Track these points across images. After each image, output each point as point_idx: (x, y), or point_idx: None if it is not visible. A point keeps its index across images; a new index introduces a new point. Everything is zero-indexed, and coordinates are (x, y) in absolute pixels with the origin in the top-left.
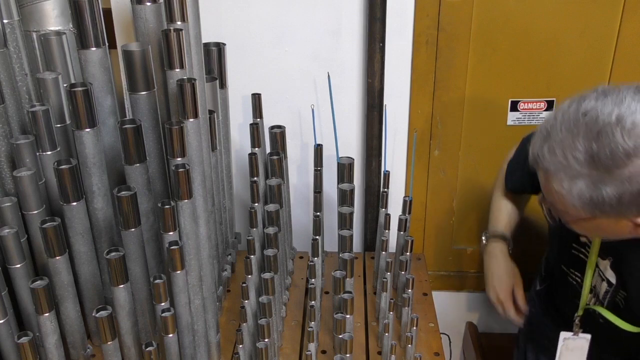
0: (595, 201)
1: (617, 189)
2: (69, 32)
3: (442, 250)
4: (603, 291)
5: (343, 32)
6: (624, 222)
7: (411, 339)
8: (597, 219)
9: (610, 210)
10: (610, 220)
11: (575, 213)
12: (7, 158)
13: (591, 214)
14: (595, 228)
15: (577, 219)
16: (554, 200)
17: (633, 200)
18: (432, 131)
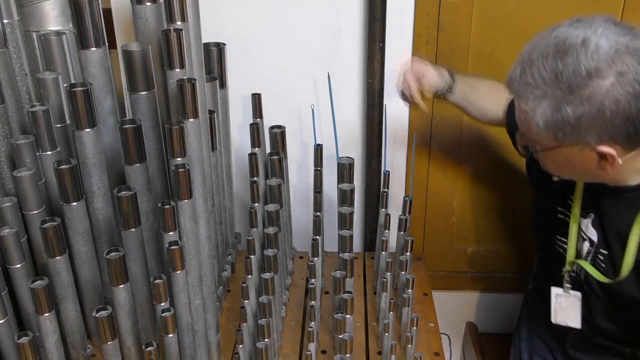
0: (556, 121)
1: (577, 109)
2: (69, 32)
3: (442, 250)
4: (585, 251)
5: (343, 32)
6: (586, 152)
7: (411, 339)
8: (562, 148)
9: (571, 133)
10: (574, 150)
11: (542, 139)
12: (7, 158)
13: (554, 138)
14: (563, 161)
15: (545, 148)
16: (525, 128)
17: (592, 123)
18: (432, 131)
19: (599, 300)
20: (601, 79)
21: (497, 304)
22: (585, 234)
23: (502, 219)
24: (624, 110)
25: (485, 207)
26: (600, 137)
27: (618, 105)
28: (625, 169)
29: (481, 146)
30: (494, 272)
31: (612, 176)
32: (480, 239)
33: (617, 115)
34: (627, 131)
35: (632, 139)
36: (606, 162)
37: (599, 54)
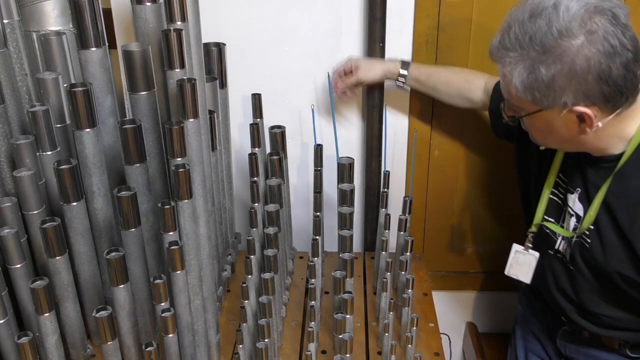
0: (532, 82)
1: (550, 68)
2: (69, 32)
3: (442, 250)
4: (572, 227)
5: (343, 32)
6: (567, 115)
7: (411, 339)
8: (543, 112)
9: (547, 92)
10: (554, 113)
11: (523, 104)
12: (7, 158)
13: (532, 100)
14: (546, 127)
15: (528, 114)
16: (507, 95)
17: (565, 82)
18: (432, 131)
19: (585, 280)
20: (572, 38)
21: (497, 304)
22: (572, 209)
23: (502, 219)
24: (595, 68)
25: (485, 207)
26: (576, 97)
27: (589, 63)
28: (607, 135)
29: (481, 146)
30: (493, 272)
31: (595, 142)
32: (480, 239)
33: (589, 72)
34: (601, 90)
35: (609, 98)
36: (585, 125)
37: (569, 14)
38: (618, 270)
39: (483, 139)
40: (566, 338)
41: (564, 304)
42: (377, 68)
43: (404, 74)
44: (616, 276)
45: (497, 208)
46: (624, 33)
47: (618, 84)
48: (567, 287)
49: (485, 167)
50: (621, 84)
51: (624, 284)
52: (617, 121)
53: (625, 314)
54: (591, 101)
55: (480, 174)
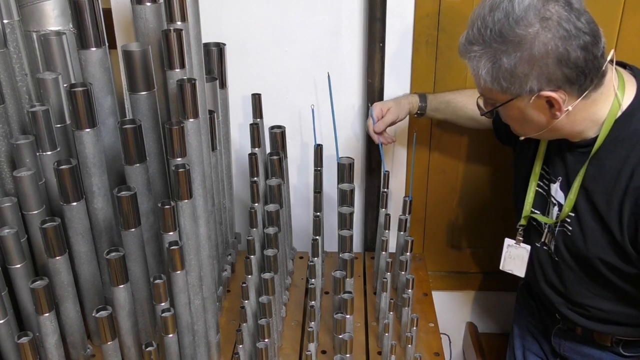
0: (497, 73)
1: (510, 57)
2: (69, 32)
3: (442, 250)
4: (555, 216)
5: (343, 32)
6: (536, 102)
7: (411, 339)
8: (514, 101)
9: (512, 80)
10: (525, 101)
11: (495, 96)
12: (7, 158)
13: (500, 89)
14: (520, 115)
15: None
16: (481, 89)
17: (527, 69)
18: (432, 131)
19: (570, 270)
20: (528, 26)
21: (497, 304)
22: (554, 198)
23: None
24: (553, 52)
25: (485, 207)
26: (540, 82)
27: (547, 48)
28: (580, 119)
29: (481, 146)
30: (493, 272)
31: (570, 127)
32: (480, 239)
33: (547, 57)
34: (563, 73)
35: (573, 81)
36: (555, 109)
37: (524, 4)
38: (599, 257)
39: (483, 139)
40: (561, 336)
41: (554, 298)
42: (404, 104)
43: (423, 105)
44: (598, 263)
45: (497, 208)
46: (578, 17)
47: (579, 65)
48: (555, 279)
49: (485, 167)
50: (582, 65)
51: (606, 271)
52: (587, 105)
53: (612, 305)
54: (556, 84)
55: (480, 174)
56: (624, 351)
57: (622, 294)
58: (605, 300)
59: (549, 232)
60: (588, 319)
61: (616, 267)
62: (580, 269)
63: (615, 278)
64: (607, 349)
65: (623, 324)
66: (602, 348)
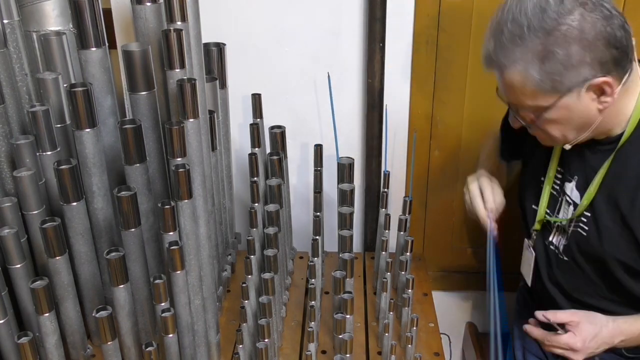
0: (550, 68)
1: (562, 47)
2: (69, 32)
3: (442, 250)
4: (569, 215)
5: (343, 32)
6: (585, 95)
7: (411, 339)
8: (562, 100)
9: (566, 73)
10: (573, 97)
11: (542, 100)
12: (7, 158)
13: (552, 89)
14: (565, 116)
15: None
16: (519, 97)
17: (581, 55)
18: (432, 131)
19: (580, 271)
20: (570, 13)
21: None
22: (570, 197)
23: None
24: (602, 33)
25: None
26: (593, 67)
27: (596, 30)
28: (613, 113)
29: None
30: None
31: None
32: (481, 239)
33: (597, 39)
34: (612, 55)
35: (618, 62)
36: (606, 96)
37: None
38: (616, 257)
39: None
40: None
41: (558, 297)
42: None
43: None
44: (614, 263)
45: None
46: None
47: (623, 44)
48: (561, 279)
49: None
50: (625, 44)
51: (620, 272)
52: (621, 95)
53: (618, 307)
54: (606, 69)
55: None
56: (626, 352)
57: (631, 297)
58: (612, 303)
59: (558, 231)
60: None
61: (632, 268)
62: (592, 269)
63: (628, 279)
64: (609, 350)
65: None
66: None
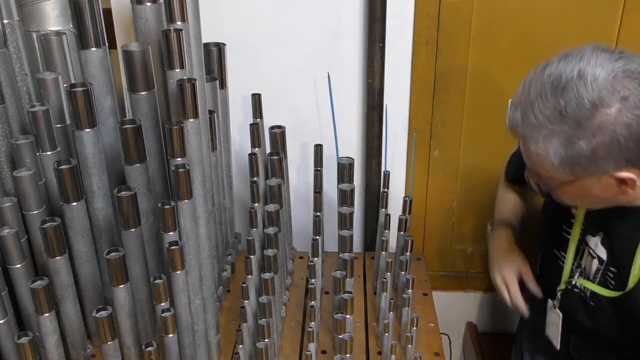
0: (571, 157)
1: (590, 142)
2: (69, 32)
3: (442, 250)
4: (594, 270)
5: (343, 32)
6: (605, 179)
7: (411, 339)
8: (580, 180)
9: (588, 165)
10: (593, 180)
11: (558, 176)
12: (7, 158)
13: (571, 173)
14: (582, 192)
15: (562, 184)
16: (537, 168)
17: (608, 152)
18: (432, 131)
19: (605, 316)
20: (607, 107)
21: (497, 304)
22: (594, 252)
23: None
24: (637, 133)
25: (485, 207)
26: (618, 164)
27: (630, 130)
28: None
29: (481, 146)
30: None
31: (630, 200)
32: (481, 239)
33: (630, 139)
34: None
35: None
36: (626, 186)
37: (598, 84)
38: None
39: (483, 139)
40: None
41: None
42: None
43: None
44: None
45: None
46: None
47: None
48: (585, 320)
49: (485, 167)
50: None
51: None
52: None
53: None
54: (632, 164)
55: (480, 174)
56: None
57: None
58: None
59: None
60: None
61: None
62: (618, 317)
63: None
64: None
65: None
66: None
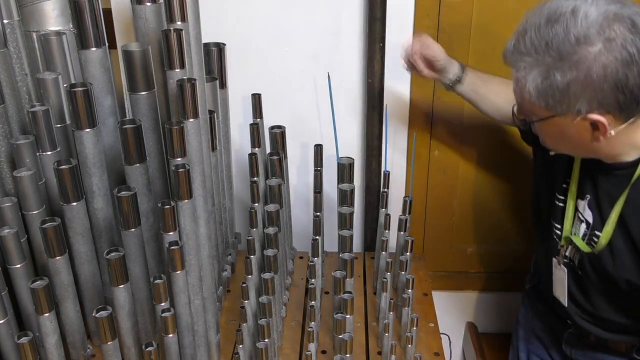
0: (546, 88)
1: (565, 75)
2: (69, 32)
3: (442, 250)
4: (581, 233)
5: (343, 32)
6: (580, 123)
7: (411, 339)
8: (556, 118)
9: (561, 99)
10: (568, 120)
11: (537, 110)
12: (7, 158)
13: (546, 106)
14: (558, 133)
15: (540, 119)
16: (520, 99)
17: (581, 90)
18: (432, 131)
19: (593, 286)
20: (590, 45)
21: (497, 304)
22: (582, 215)
23: (502, 219)
24: (612, 77)
25: (485, 207)
26: (590, 104)
27: (606, 71)
28: (620, 143)
29: (481, 146)
30: (493, 272)
31: (607, 150)
32: (480, 239)
33: (605, 81)
34: (616, 98)
35: (623, 107)
36: (599, 133)
37: (587, 21)
38: (627, 279)
39: (483, 139)
40: (572, 342)
41: (571, 308)
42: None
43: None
44: (624, 283)
45: (497, 208)
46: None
47: (634, 93)
48: (575, 291)
49: (486, 167)
50: (637, 93)
51: (632, 292)
52: (631, 130)
53: (632, 320)
54: (605, 109)
55: (480, 174)
56: (638, 355)
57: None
58: (625, 316)
59: (573, 246)
60: (604, 330)
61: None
62: (604, 286)
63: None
64: (621, 355)
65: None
66: (615, 354)
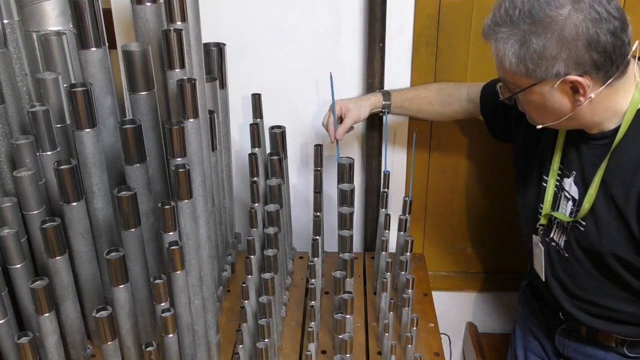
0: (524, 54)
1: (540, 38)
2: (69, 32)
3: (442, 250)
4: (568, 211)
5: (343, 32)
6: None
7: (411, 339)
8: (538, 86)
9: (540, 62)
10: (549, 87)
11: (518, 80)
12: (7, 158)
13: (526, 73)
14: (541, 102)
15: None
16: (502, 72)
17: (556, 51)
18: (432, 131)
19: (580, 266)
20: (560, 8)
21: (497, 304)
22: (568, 193)
23: (502, 219)
24: (584, 35)
25: (485, 207)
26: (567, 65)
27: (577, 30)
28: (601, 108)
29: (481, 146)
30: (493, 272)
31: (590, 116)
32: (480, 239)
33: (578, 39)
34: (591, 57)
35: (600, 66)
36: (579, 95)
37: None
38: (614, 252)
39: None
40: (564, 336)
41: (560, 294)
42: (365, 106)
43: (387, 103)
44: (612, 258)
45: (497, 208)
46: (609, 1)
47: (607, 50)
48: (563, 275)
49: (485, 167)
50: (610, 50)
51: (619, 267)
52: (610, 93)
53: (620, 303)
54: (583, 69)
55: (480, 174)
56: (628, 352)
57: (633, 292)
58: (614, 299)
59: (558, 228)
60: (594, 317)
61: (630, 263)
62: (592, 265)
63: (628, 275)
64: (611, 350)
65: (630, 323)
66: (606, 348)
